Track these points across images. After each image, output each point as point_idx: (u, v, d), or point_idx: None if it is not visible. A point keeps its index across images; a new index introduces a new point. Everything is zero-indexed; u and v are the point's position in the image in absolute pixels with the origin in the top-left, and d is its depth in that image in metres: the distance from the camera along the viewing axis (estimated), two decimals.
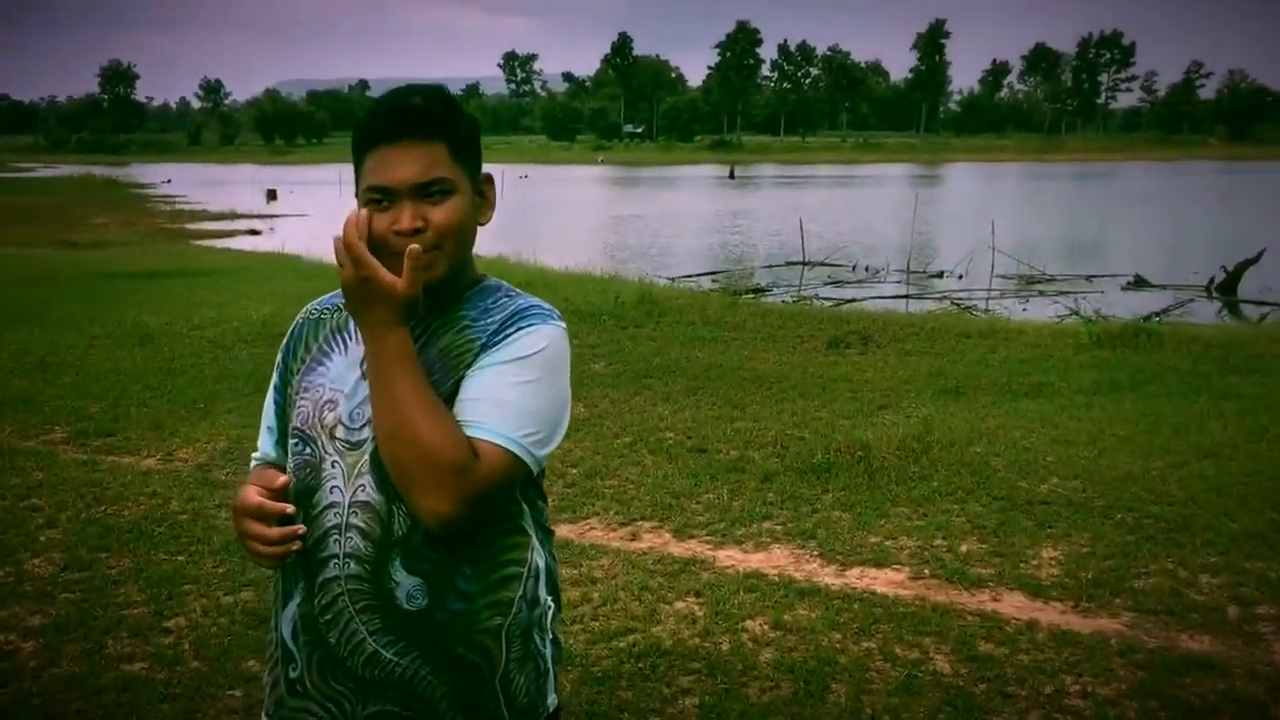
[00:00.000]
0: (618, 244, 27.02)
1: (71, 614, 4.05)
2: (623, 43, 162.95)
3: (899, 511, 5.17)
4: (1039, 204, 43.21)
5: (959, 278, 18.70)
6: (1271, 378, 8.21)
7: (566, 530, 4.95)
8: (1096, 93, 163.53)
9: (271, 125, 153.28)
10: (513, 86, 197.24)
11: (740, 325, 10.69)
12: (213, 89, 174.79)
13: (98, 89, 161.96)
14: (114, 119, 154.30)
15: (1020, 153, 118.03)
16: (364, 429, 1.49)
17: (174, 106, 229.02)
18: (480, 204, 1.57)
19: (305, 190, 52.40)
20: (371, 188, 1.47)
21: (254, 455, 1.71)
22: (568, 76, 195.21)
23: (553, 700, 1.62)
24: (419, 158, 1.46)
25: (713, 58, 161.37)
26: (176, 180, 62.08)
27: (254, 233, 28.61)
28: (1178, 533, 4.81)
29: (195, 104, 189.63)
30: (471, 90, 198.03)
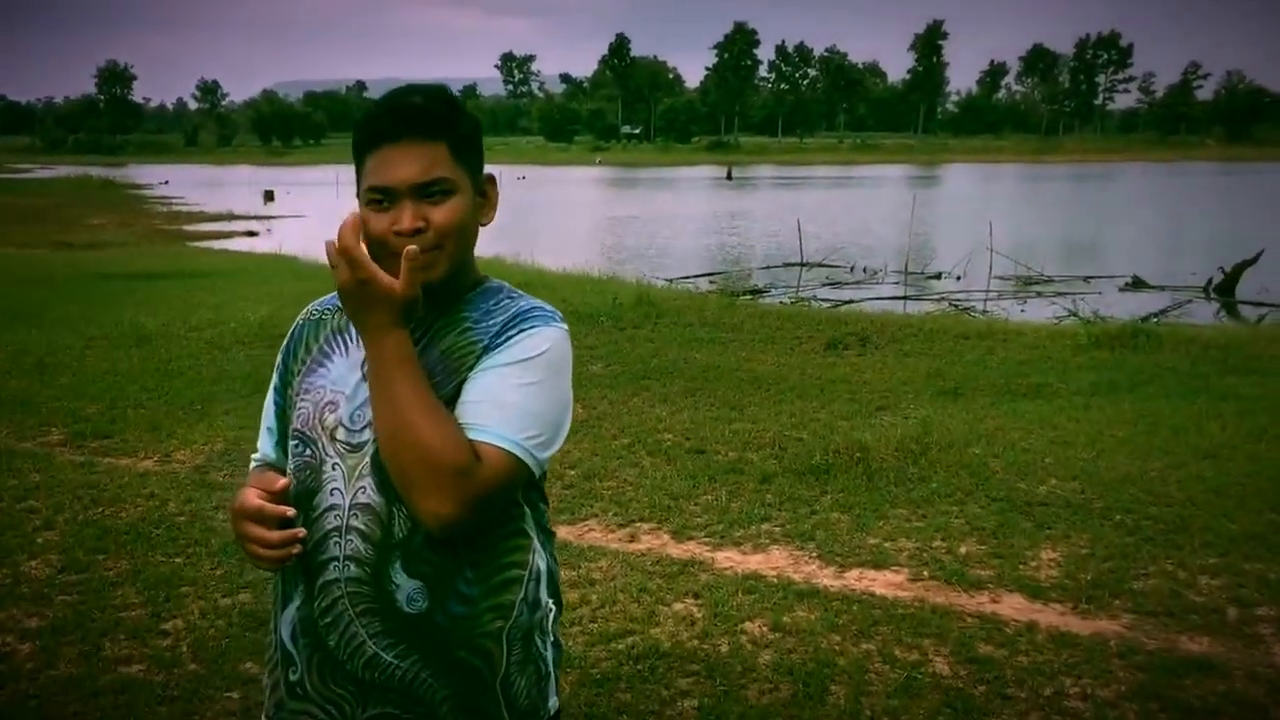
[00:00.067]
0: (615, 245, 27.01)
1: (69, 616, 4.03)
2: (620, 44, 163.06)
3: (898, 513, 5.17)
4: (1037, 205, 43.22)
5: (957, 279, 18.70)
6: (1270, 378, 8.21)
7: (565, 532, 4.94)
8: (1094, 94, 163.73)
9: (268, 126, 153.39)
10: (510, 87, 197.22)
11: (738, 326, 10.68)
12: (210, 90, 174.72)
13: (95, 90, 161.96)
14: (111, 120, 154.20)
15: (1018, 154, 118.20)
16: (365, 431, 1.49)
17: (171, 107, 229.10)
18: (482, 204, 1.57)
19: (302, 191, 52.42)
20: (372, 188, 1.47)
21: (253, 456, 1.70)
22: (565, 77, 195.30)
23: (554, 703, 1.61)
24: (419, 158, 1.46)
25: (710, 59, 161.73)
26: (174, 181, 62.07)
27: (251, 234, 28.56)
28: (1177, 534, 4.81)
29: (192, 105, 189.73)
30: (469, 91, 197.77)
